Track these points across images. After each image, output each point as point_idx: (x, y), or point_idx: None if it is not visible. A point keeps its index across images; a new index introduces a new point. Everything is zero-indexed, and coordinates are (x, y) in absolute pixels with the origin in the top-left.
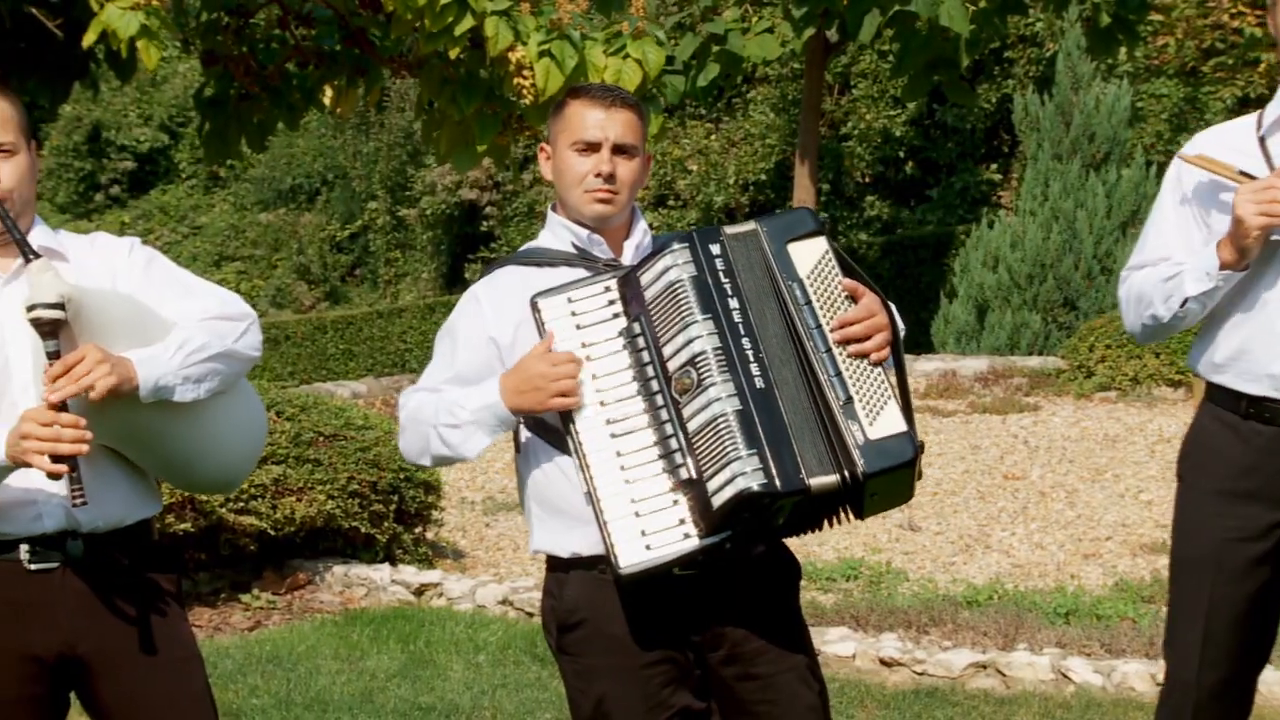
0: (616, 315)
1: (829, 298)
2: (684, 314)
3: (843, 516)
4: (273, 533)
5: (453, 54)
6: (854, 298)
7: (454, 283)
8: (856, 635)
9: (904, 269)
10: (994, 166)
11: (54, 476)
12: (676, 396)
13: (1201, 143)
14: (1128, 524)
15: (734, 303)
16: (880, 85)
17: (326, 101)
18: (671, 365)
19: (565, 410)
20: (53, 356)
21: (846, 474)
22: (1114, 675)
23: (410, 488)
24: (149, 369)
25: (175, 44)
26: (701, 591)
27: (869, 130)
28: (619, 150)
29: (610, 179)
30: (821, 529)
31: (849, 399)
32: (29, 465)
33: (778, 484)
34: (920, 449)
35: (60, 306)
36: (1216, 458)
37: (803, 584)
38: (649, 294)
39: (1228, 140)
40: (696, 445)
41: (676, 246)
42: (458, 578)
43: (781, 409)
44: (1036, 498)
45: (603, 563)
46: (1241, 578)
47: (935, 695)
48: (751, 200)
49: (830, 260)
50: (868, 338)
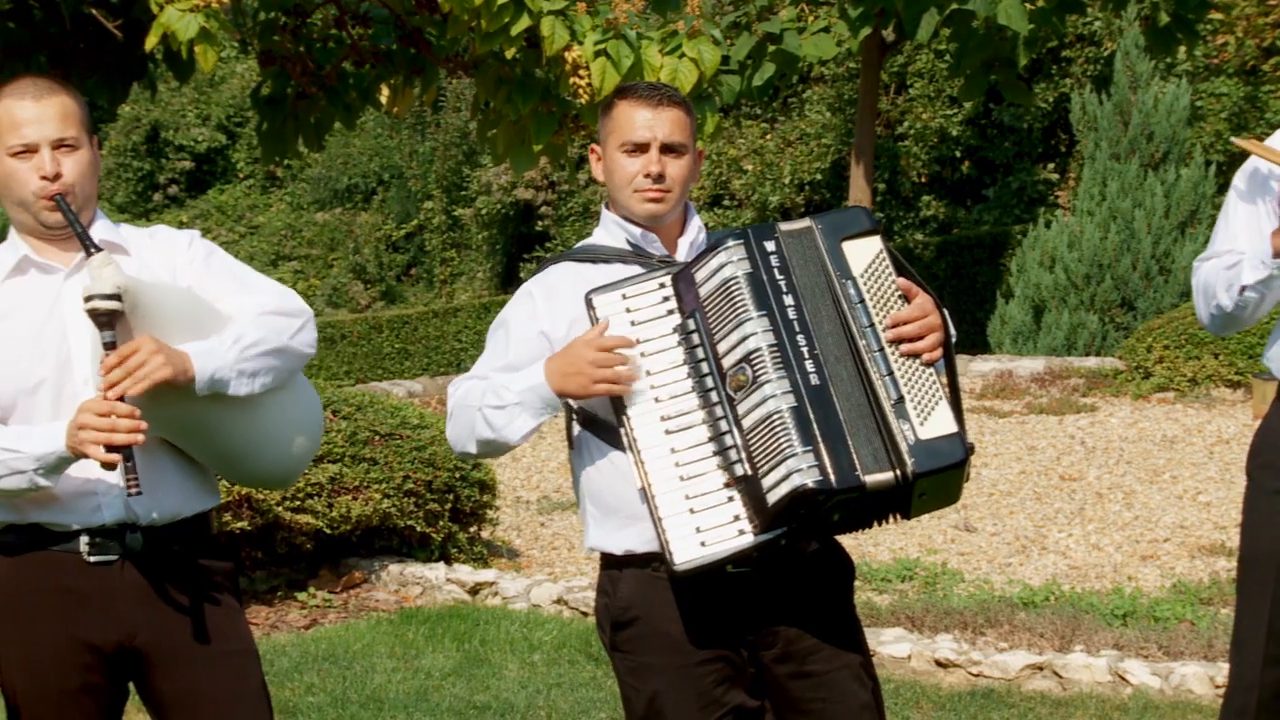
0: (671, 312)
1: (883, 296)
2: (739, 311)
3: (891, 517)
4: (329, 531)
5: (509, 53)
6: (907, 297)
7: (509, 282)
8: (912, 636)
9: (960, 269)
10: (1051, 166)
11: (108, 466)
12: (731, 393)
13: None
14: (1186, 526)
15: (789, 299)
16: (937, 84)
17: (383, 101)
18: (726, 362)
19: (610, 397)
20: (109, 347)
21: (898, 472)
22: (1172, 678)
23: (465, 487)
24: (205, 362)
25: (233, 44)
26: (755, 589)
27: (925, 130)
28: (668, 149)
29: (660, 179)
30: (871, 528)
31: (900, 398)
32: (86, 456)
33: (833, 481)
34: (970, 451)
35: (117, 298)
36: None
37: (857, 584)
38: (704, 290)
39: None
40: (751, 442)
41: (731, 243)
42: (513, 577)
43: (837, 406)
44: (1093, 499)
45: (656, 560)
46: None
47: (991, 697)
48: (807, 200)
49: (884, 259)
50: (921, 337)
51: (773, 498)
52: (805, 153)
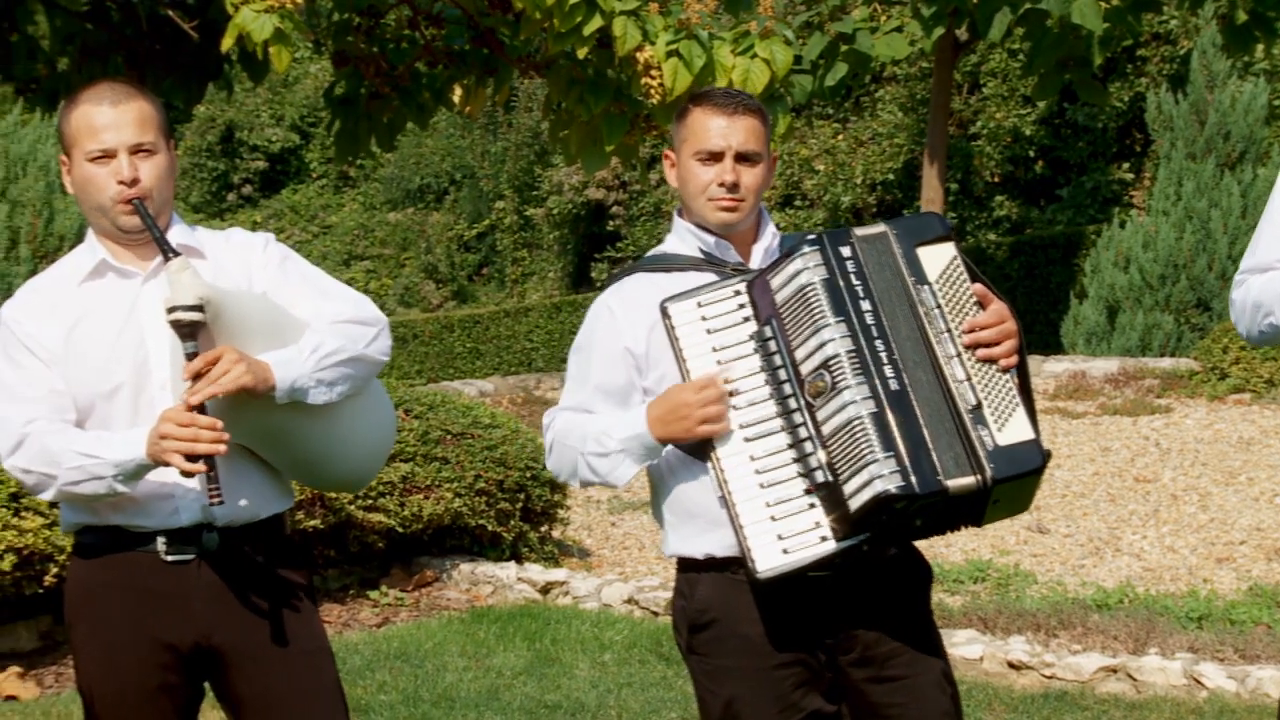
0: (747, 319)
1: (958, 302)
2: (816, 317)
3: (963, 525)
4: (401, 530)
5: (581, 54)
6: (982, 304)
7: (580, 282)
8: (984, 638)
9: (1033, 269)
10: (1126, 166)
11: (187, 474)
12: (810, 400)
13: None
14: (1262, 528)
15: (866, 305)
16: (1010, 84)
17: (455, 101)
18: (804, 368)
19: (712, 436)
20: (191, 358)
21: (979, 477)
22: (1248, 681)
23: (536, 486)
24: (284, 371)
25: (307, 45)
26: (833, 593)
27: (999, 129)
28: (742, 158)
29: (734, 188)
30: (945, 534)
31: (978, 404)
32: (168, 464)
33: (915, 486)
34: (1047, 457)
35: (199, 308)
36: None
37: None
38: (780, 297)
39: None
40: (832, 448)
41: (807, 249)
42: (584, 576)
43: (917, 411)
44: (1168, 501)
45: (736, 564)
46: None
47: (1064, 699)
48: (879, 200)
49: (959, 265)
50: (998, 343)
51: (854, 504)
52: (877, 152)
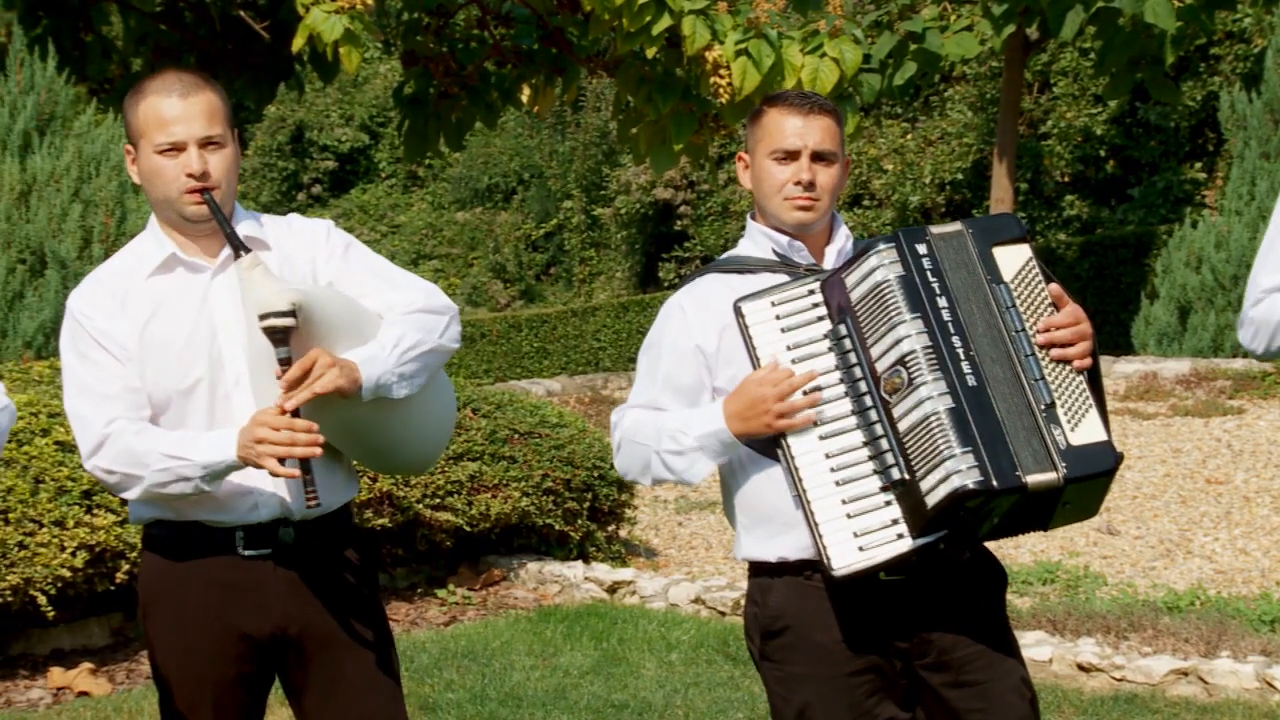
0: (821, 318)
1: (1033, 303)
2: (892, 314)
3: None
4: (468, 529)
5: (650, 53)
6: (1057, 305)
7: (648, 282)
8: (1053, 639)
9: (1103, 269)
10: (1198, 165)
11: (277, 476)
12: (886, 396)
13: None
14: None
15: (942, 301)
16: (1081, 83)
17: (524, 100)
18: (880, 366)
19: (789, 430)
20: (284, 363)
21: (1057, 474)
22: None
23: (604, 486)
24: (370, 369)
25: (376, 45)
26: (908, 597)
27: (1069, 129)
28: (818, 157)
29: (810, 186)
30: (1014, 536)
31: (1052, 403)
32: (260, 467)
33: (994, 481)
34: (1119, 459)
35: (293, 314)
36: None
37: None
38: (855, 295)
39: None
40: (908, 445)
41: (883, 247)
42: (651, 576)
43: (995, 407)
44: (1240, 503)
45: (809, 568)
46: None
47: (1135, 702)
48: (948, 200)
49: (1034, 267)
50: (1073, 344)
51: (931, 500)
52: (946, 152)
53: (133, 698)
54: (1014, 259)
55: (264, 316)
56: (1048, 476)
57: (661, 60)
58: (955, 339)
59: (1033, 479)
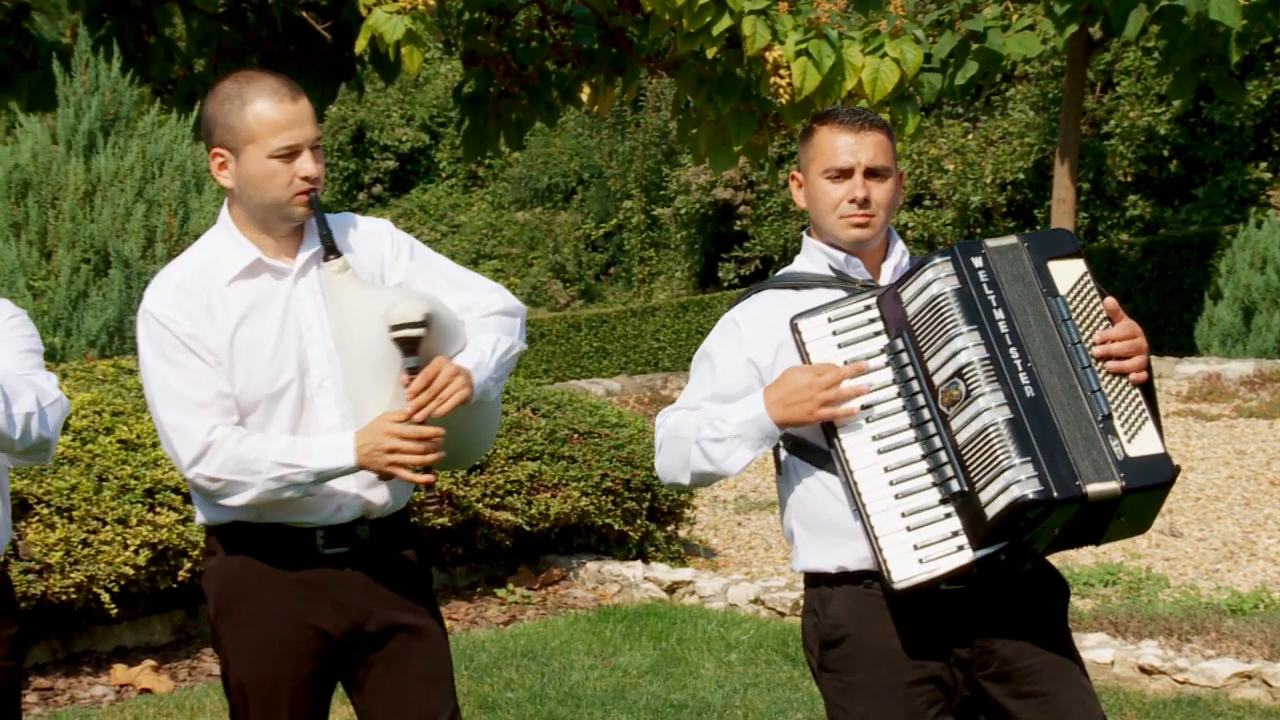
0: (878, 333)
1: (1088, 316)
2: (948, 326)
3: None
4: (528, 528)
5: (710, 53)
6: (1112, 319)
7: (707, 282)
8: (1115, 642)
9: (1166, 269)
10: (1263, 165)
11: (408, 483)
12: (944, 409)
13: None
14: None
15: (999, 313)
16: (1145, 82)
17: (584, 100)
18: (937, 378)
19: (833, 420)
20: (412, 372)
21: (1117, 485)
22: None
23: (663, 486)
24: (479, 376)
25: (437, 45)
26: (969, 607)
27: (1132, 128)
28: (871, 174)
29: (865, 203)
30: (1069, 549)
31: (1108, 415)
32: (390, 476)
33: (1054, 491)
34: (1176, 472)
35: (425, 324)
36: None
37: None
38: (911, 309)
39: None
40: (966, 457)
41: (938, 260)
42: (710, 576)
43: (1054, 417)
44: None
45: (869, 577)
46: None
47: (1198, 705)
48: (1009, 200)
49: (1089, 281)
50: (1129, 357)
51: (991, 511)
52: (1008, 152)
53: (194, 695)
54: (1069, 273)
55: (398, 327)
56: (1108, 486)
57: (722, 60)
58: (1012, 350)
59: (1093, 488)
